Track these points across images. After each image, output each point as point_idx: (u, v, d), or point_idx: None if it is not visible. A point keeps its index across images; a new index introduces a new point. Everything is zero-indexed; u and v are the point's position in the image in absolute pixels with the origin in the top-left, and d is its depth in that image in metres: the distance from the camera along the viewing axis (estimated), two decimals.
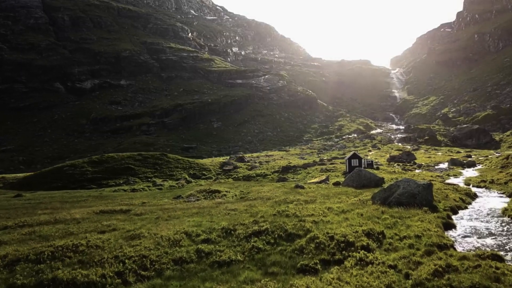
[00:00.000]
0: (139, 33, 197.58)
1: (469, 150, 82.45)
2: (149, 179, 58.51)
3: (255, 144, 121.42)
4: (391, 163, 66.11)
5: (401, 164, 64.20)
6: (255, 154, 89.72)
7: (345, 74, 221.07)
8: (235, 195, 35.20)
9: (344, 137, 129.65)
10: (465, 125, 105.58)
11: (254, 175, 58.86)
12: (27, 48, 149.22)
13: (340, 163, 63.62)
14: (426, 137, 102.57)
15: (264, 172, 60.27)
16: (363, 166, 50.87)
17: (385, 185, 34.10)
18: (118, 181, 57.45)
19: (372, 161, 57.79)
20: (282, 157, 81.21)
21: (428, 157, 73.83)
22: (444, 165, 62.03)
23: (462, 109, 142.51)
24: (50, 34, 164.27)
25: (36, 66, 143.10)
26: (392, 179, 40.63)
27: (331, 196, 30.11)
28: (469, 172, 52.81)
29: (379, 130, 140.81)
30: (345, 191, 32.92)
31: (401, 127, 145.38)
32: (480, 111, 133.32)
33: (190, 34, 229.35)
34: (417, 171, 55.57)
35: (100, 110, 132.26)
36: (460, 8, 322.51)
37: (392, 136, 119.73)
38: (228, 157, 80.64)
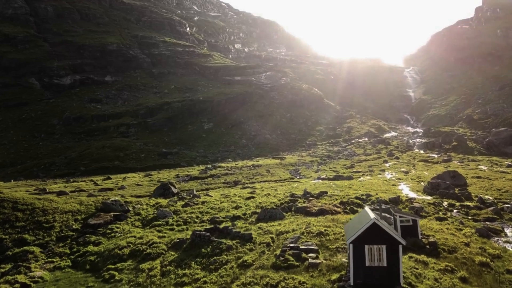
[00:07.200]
0: (131, 27, 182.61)
1: None
2: None
3: (249, 148, 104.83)
4: (435, 198, 36.56)
5: (456, 204, 34.34)
6: (239, 163, 72.56)
7: (355, 73, 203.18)
8: None
9: (353, 141, 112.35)
10: (503, 129, 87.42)
11: (126, 253, 26.16)
12: (0, 40, 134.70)
13: (340, 208, 32.12)
14: (454, 143, 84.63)
15: (153, 243, 27.20)
16: (400, 259, 17.10)
17: None
18: None
19: (416, 222, 23.30)
20: (268, 170, 61.94)
21: (479, 178, 45.03)
22: None
23: (489, 109, 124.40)
24: (30, 25, 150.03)
25: (9, 60, 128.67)
26: None
27: None
28: None
29: (393, 133, 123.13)
30: None
31: (419, 130, 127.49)
32: None
33: (188, 29, 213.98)
34: None
35: (76, 109, 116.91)
36: (477, 3, 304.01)
37: (411, 141, 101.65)
38: (191, 169, 60.19)
